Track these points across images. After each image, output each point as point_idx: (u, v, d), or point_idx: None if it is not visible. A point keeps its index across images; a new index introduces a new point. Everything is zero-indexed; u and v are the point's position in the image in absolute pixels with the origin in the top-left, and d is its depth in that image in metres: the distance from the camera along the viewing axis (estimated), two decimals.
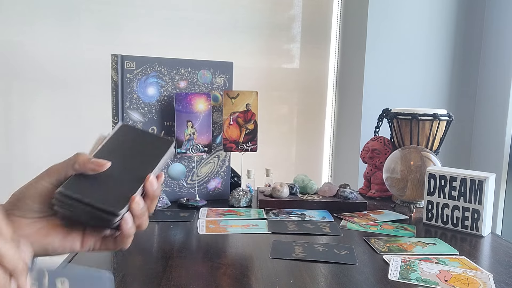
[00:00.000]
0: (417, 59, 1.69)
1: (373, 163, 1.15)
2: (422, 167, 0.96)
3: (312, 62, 1.86)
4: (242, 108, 1.02)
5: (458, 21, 1.71)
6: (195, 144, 1.00)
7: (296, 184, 1.07)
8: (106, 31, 1.64)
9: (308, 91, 1.88)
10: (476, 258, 0.74)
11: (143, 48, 1.64)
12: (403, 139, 1.12)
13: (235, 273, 0.64)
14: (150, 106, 0.98)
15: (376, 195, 1.14)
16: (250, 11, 1.77)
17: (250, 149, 1.04)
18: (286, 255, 0.71)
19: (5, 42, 1.57)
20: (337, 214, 0.97)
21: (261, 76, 1.81)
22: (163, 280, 0.61)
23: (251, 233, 0.82)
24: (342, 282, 0.62)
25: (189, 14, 1.71)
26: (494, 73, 1.67)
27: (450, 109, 1.70)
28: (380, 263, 0.69)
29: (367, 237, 0.82)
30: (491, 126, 1.67)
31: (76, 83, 1.63)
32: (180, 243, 0.76)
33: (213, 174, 1.07)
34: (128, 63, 0.95)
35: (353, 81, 1.75)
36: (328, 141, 1.92)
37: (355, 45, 1.72)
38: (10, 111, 1.61)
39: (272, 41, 1.81)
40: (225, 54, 1.74)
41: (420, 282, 0.62)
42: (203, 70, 1.02)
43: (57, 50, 1.61)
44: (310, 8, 1.83)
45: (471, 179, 0.87)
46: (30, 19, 1.58)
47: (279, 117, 1.87)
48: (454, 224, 0.89)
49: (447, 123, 1.10)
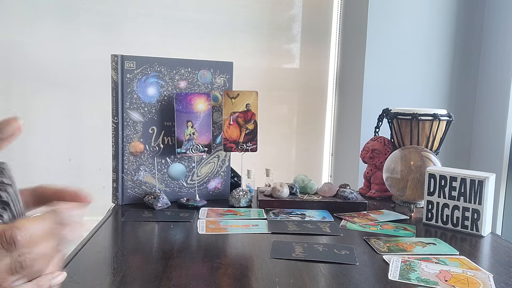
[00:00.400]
0: (417, 59, 1.69)
1: (373, 163, 1.15)
2: (422, 167, 0.96)
3: (312, 62, 1.86)
4: (242, 108, 1.02)
5: (458, 21, 1.71)
6: (195, 144, 1.00)
7: (296, 184, 1.07)
8: (106, 31, 1.64)
9: (308, 91, 1.88)
10: (476, 258, 0.74)
11: (143, 48, 1.64)
12: (403, 139, 1.12)
13: (235, 273, 0.64)
14: (150, 106, 0.98)
15: (376, 195, 1.14)
16: (250, 11, 1.77)
17: (250, 149, 1.04)
18: (286, 255, 0.71)
19: (5, 42, 1.57)
20: (337, 214, 0.97)
21: (261, 76, 1.81)
22: (163, 280, 0.61)
23: (251, 233, 0.82)
24: (342, 282, 0.62)
25: (189, 14, 1.71)
26: (494, 73, 1.67)
27: (450, 109, 1.70)
28: (380, 263, 0.69)
29: (367, 237, 0.82)
30: (491, 126, 1.67)
31: (76, 83, 1.63)
32: (180, 243, 0.76)
33: (213, 174, 1.07)
34: (128, 63, 0.95)
35: (353, 81, 1.75)
36: (328, 141, 1.92)
37: (355, 45, 1.72)
38: (10, 111, 1.61)
39: (272, 41, 1.81)
40: (225, 54, 1.74)
41: (420, 282, 0.62)
42: (203, 70, 1.02)
43: (57, 50, 1.61)
44: (310, 8, 1.83)
45: (471, 179, 0.87)
46: (30, 19, 1.58)
47: (279, 117, 1.87)
48: (454, 224, 0.89)
49: (447, 123, 1.10)
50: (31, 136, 1.62)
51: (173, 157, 1.02)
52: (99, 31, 1.63)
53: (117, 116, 0.96)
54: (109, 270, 0.65)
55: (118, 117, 0.96)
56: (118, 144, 0.97)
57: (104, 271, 0.64)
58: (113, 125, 0.97)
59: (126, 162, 0.98)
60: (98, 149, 1.62)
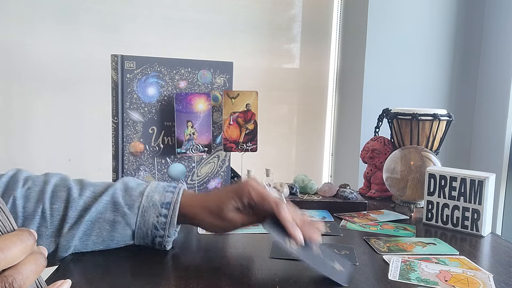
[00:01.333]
0: (417, 59, 1.69)
1: (373, 163, 1.15)
2: (422, 167, 0.96)
3: (312, 62, 1.86)
4: (242, 108, 1.02)
5: (458, 21, 1.71)
6: (195, 144, 1.00)
7: (296, 184, 1.07)
8: (106, 31, 1.64)
9: (308, 91, 1.88)
10: (476, 258, 0.74)
11: (143, 48, 1.64)
12: (403, 139, 1.12)
13: (235, 273, 0.64)
14: (150, 106, 0.98)
15: (376, 195, 1.14)
16: (250, 11, 1.77)
17: (250, 149, 1.04)
18: (286, 255, 0.71)
19: (5, 42, 1.57)
20: (337, 214, 0.97)
21: (261, 76, 1.81)
22: (163, 280, 0.61)
23: (251, 233, 0.82)
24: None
25: (189, 14, 1.71)
26: (494, 73, 1.67)
27: (450, 109, 1.70)
28: (380, 263, 0.69)
29: (367, 237, 0.82)
30: (491, 126, 1.67)
31: (76, 83, 1.63)
32: (180, 243, 0.76)
33: (213, 174, 1.07)
34: (128, 63, 0.95)
35: (353, 81, 1.75)
36: (328, 141, 1.92)
37: (355, 45, 1.72)
38: (10, 111, 1.61)
39: (272, 41, 1.81)
40: (225, 54, 1.74)
41: (420, 282, 0.62)
42: (203, 70, 1.02)
43: (57, 50, 1.61)
44: (310, 8, 1.83)
45: (471, 179, 0.87)
46: (30, 19, 1.58)
47: (279, 117, 1.87)
48: (454, 224, 0.89)
49: (447, 123, 1.10)
50: (31, 136, 1.62)
51: (173, 157, 1.02)
52: (99, 31, 1.63)
53: (117, 116, 0.96)
54: (109, 270, 0.65)
55: (118, 117, 0.96)
56: (118, 144, 0.97)
57: (104, 271, 0.64)
58: (113, 125, 0.97)
59: (126, 162, 0.98)
60: (98, 149, 1.62)
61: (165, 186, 0.72)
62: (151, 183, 0.73)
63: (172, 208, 0.69)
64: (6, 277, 0.30)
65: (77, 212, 0.67)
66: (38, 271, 0.33)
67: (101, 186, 0.71)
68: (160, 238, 0.69)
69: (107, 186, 0.71)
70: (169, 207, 0.69)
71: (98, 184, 0.72)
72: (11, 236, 0.32)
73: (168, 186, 0.72)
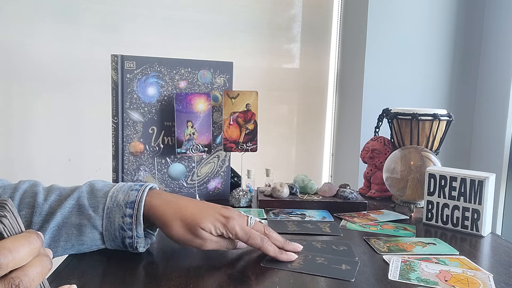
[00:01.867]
0: (417, 59, 1.69)
1: (373, 163, 1.15)
2: (422, 167, 0.96)
3: (312, 62, 1.86)
4: (242, 108, 1.02)
5: (458, 21, 1.71)
6: (195, 144, 1.00)
7: (296, 184, 1.07)
8: (106, 31, 1.64)
9: (308, 91, 1.88)
10: (476, 258, 0.74)
11: (143, 48, 1.64)
12: (403, 139, 1.12)
13: (235, 273, 0.64)
14: (150, 106, 0.98)
15: (376, 195, 1.14)
16: (250, 11, 1.77)
17: (250, 149, 1.04)
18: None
19: (5, 42, 1.57)
20: (337, 214, 0.97)
21: (261, 76, 1.81)
22: (163, 280, 0.61)
23: None
24: (342, 281, 0.62)
25: (189, 14, 1.71)
26: (494, 73, 1.67)
27: (450, 109, 1.70)
28: (380, 263, 0.69)
29: (367, 237, 0.82)
30: (491, 126, 1.67)
31: (76, 83, 1.63)
32: None
33: (213, 174, 1.07)
34: (128, 63, 0.95)
35: (353, 81, 1.75)
36: (328, 141, 1.92)
37: (355, 45, 1.72)
38: (10, 111, 1.61)
39: (272, 41, 1.81)
40: (225, 54, 1.74)
41: (420, 282, 0.62)
42: (203, 70, 1.02)
43: (57, 50, 1.61)
44: (310, 8, 1.83)
45: (471, 179, 0.87)
46: (30, 19, 1.58)
47: (279, 117, 1.87)
48: (454, 224, 0.89)
49: (447, 123, 1.10)
50: (31, 136, 1.62)
51: (173, 157, 1.02)
52: (99, 31, 1.63)
53: (117, 116, 0.96)
54: (109, 270, 0.65)
55: (118, 117, 0.96)
56: (118, 144, 0.97)
57: (104, 271, 0.64)
58: (113, 125, 0.97)
59: (126, 162, 0.98)
60: (98, 149, 1.62)
61: (132, 185, 0.69)
62: (119, 183, 0.71)
63: (136, 207, 0.66)
64: (13, 278, 0.30)
65: (41, 217, 0.65)
66: (44, 273, 0.33)
67: (68, 190, 0.69)
68: (130, 239, 0.66)
69: (74, 189, 0.69)
70: (133, 206, 0.66)
71: (65, 188, 0.69)
72: (19, 237, 0.32)
73: (135, 185, 0.69)
